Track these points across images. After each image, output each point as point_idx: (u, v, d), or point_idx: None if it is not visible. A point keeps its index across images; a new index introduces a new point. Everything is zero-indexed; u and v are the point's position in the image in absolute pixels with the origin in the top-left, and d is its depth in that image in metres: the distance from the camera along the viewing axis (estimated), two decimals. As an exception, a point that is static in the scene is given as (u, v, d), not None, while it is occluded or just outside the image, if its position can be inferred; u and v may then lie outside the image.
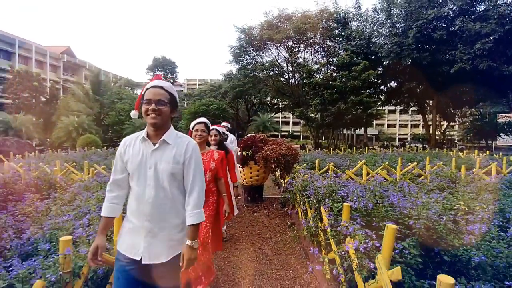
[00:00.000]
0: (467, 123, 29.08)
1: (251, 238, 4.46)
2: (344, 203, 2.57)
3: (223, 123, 6.05)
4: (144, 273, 1.56)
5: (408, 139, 54.47)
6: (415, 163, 7.81)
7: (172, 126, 1.68)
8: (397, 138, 63.28)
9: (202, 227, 2.73)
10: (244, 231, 4.78)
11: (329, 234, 2.64)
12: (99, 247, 1.54)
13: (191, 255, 1.55)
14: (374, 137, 55.79)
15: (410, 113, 34.92)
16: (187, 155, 1.62)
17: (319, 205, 3.15)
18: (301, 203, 4.35)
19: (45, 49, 49.68)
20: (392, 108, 26.74)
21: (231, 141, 5.91)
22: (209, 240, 2.78)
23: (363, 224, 2.56)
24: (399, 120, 67.05)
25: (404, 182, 4.83)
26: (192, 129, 2.94)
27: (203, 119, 3.03)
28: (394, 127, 68.71)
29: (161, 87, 1.60)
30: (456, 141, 44.49)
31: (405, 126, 67.65)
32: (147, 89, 1.63)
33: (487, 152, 12.70)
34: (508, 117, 26.01)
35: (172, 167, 1.57)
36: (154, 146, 1.58)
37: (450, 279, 1.24)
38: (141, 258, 1.53)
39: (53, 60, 50.96)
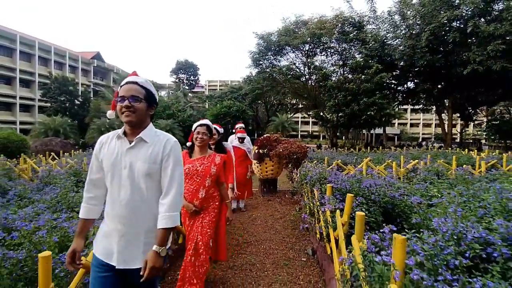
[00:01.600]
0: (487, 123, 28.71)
1: (265, 217, 5.59)
2: (328, 184, 3.63)
3: (238, 125, 6.67)
4: (121, 280, 1.50)
5: (432, 139, 53.46)
6: (416, 160, 8.61)
7: (151, 124, 1.58)
8: (420, 137, 62.06)
9: (203, 234, 2.67)
10: (259, 213, 5.92)
11: (317, 205, 3.72)
12: (77, 251, 1.46)
13: (155, 263, 1.39)
14: (396, 136, 55.07)
15: (433, 112, 34.65)
16: (165, 154, 1.51)
17: (312, 186, 4.23)
18: (304, 189, 5.42)
19: (77, 54, 53.21)
20: (415, 107, 26.84)
21: (247, 141, 6.64)
22: (207, 249, 2.67)
23: (341, 199, 3.61)
24: (423, 120, 65.70)
25: (390, 175, 5.79)
26: (194, 131, 2.80)
27: (205, 121, 2.88)
28: (418, 126, 67.38)
29: (135, 83, 1.50)
30: (482, 141, 43.30)
31: (429, 125, 66.16)
32: (121, 86, 1.52)
33: (497, 151, 13.09)
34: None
35: (149, 166, 1.47)
36: (130, 144, 1.50)
37: (361, 213, 2.28)
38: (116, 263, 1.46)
39: (84, 65, 54.46)
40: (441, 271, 1.73)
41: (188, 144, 2.89)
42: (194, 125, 2.84)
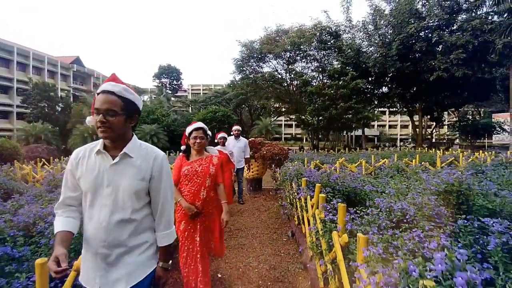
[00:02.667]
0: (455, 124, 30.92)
1: (252, 211, 6.44)
2: (303, 179, 4.51)
3: (235, 127, 7.22)
4: None
5: (410, 139, 55.94)
6: (385, 159, 9.70)
7: (134, 136, 1.47)
8: (398, 138, 64.58)
9: (201, 237, 2.72)
10: (247, 208, 6.76)
11: (295, 195, 4.60)
12: (59, 256, 1.24)
13: (165, 277, 1.52)
14: (376, 138, 57.18)
15: (407, 114, 36.91)
16: (155, 170, 1.44)
17: (291, 181, 5.12)
18: (285, 183, 6.31)
19: (56, 59, 52.27)
20: (391, 110, 28.56)
21: (244, 146, 7.09)
22: (207, 250, 2.78)
23: (313, 190, 4.49)
24: (400, 121, 68.43)
25: (358, 172, 6.77)
26: (189, 135, 2.77)
27: (200, 124, 2.83)
28: (396, 127, 70.18)
29: (112, 93, 1.34)
30: (457, 140, 45.77)
31: (406, 126, 68.99)
32: (97, 93, 1.38)
33: (458, 150, 14.54)
34: (501, 116, 27.67)
35: (137, 183, 1.39)
36: (113, 160, 1.39)
37: (322, 195, 3.16)
38: None
39: (64, 69, 53.55)
40: (372, 230, 2.63)
41: (183, 147, 2.89)
42: (189, 129, 2.78)
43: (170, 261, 1.55)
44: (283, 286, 3.20)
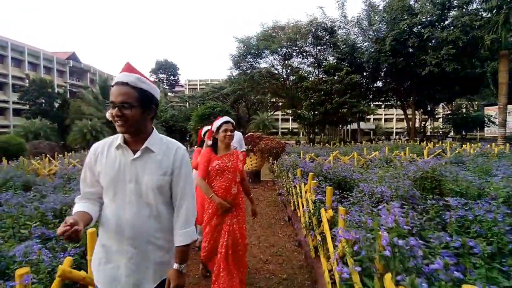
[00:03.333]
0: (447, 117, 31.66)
1: (252, 200, 6.96)
2: (298, 169, 5.03)
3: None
4: None
5: (405, 133, 56.58)
6: (377, 152, 10.25)
7: (155, 130, 1.42)
8: (394, 131, 65.27)
9: (241, 234, 2.83)
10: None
11: (291, 184, 5.13)
12: (67, 220, 1.13)
13: (179, 282, 1.35)
14: (371, 131, 57.78)
15: (400, 108, 37.58)
16: (176, 164, 1.39)
17: (287, 171, 5.65)
18: (282, 174, 6.84)
19: (52, 55, 52.04)
20: (386, 104, 29.20)
21: (239, 140, 7.83)
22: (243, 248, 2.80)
23: (307, 178, 5.01)
24: (396, 115, 69.09)
25: (351, 163, 7.31)
26: (218, 129, 2.78)
27: (227, 118, 2.86)
28: (391, 121, 70.87)
29: (126, 84, 1.27)
30: (451, 133, 46.53)
31: (402, 120, 69.63)
32: (112, 85, 1.31)
33: (448, 142, 15.17)
34: (491, 109, 28.40)
35: (158, 179, 1.34)
36: (134, 154, 1.34)
37: (314, 181, 3.67)
38: None
39: (60, 65, 53.35)
40: (355, 208, 3.16)
41: (209, 142, 2.96)
42: (218, 123, 2.81)
43: (185, 265, 1.39)
44: (281, 259, 3.76)
